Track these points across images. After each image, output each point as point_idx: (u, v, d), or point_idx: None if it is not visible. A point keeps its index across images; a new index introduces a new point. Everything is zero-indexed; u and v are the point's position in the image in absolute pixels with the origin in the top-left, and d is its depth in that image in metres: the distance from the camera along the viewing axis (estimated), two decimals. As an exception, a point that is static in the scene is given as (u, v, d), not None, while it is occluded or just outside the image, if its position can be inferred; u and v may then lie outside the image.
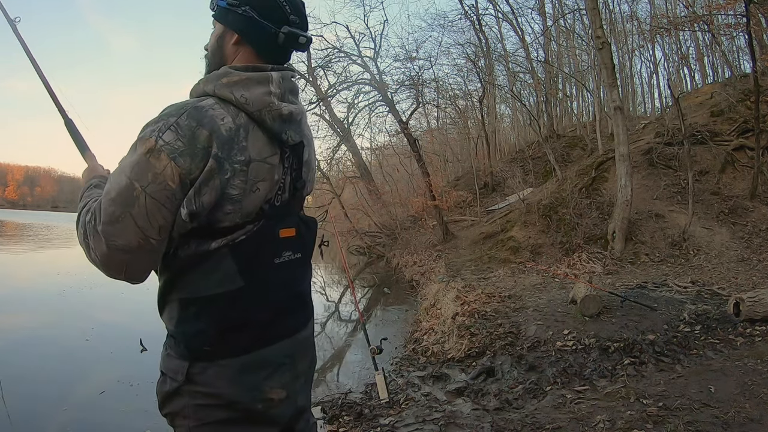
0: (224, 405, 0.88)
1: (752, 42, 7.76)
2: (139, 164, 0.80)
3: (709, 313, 4.09)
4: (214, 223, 0.85)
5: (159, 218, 0.81)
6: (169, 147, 0.79)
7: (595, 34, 7.65)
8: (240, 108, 0.86)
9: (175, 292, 0.89)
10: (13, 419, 3.07)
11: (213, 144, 0.81)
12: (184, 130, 0.80)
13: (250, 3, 0.90)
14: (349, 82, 14.38)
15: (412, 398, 3.25)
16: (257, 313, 0.90)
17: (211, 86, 0.87)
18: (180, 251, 0.87)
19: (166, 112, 0.83)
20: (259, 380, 0.90)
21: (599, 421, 2.43)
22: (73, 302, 7.00)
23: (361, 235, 15.80)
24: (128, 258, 0.84)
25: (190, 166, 0.80)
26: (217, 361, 0.87)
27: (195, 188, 0.81)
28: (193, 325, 0.87)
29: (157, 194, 0.80)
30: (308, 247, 1.02)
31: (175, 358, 0.89)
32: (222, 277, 0.86)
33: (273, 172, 0.90)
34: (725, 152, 8.47)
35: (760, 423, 2.26)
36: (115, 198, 0.81)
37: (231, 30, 0.93)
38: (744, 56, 13.23)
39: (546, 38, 14.80)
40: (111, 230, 0.81)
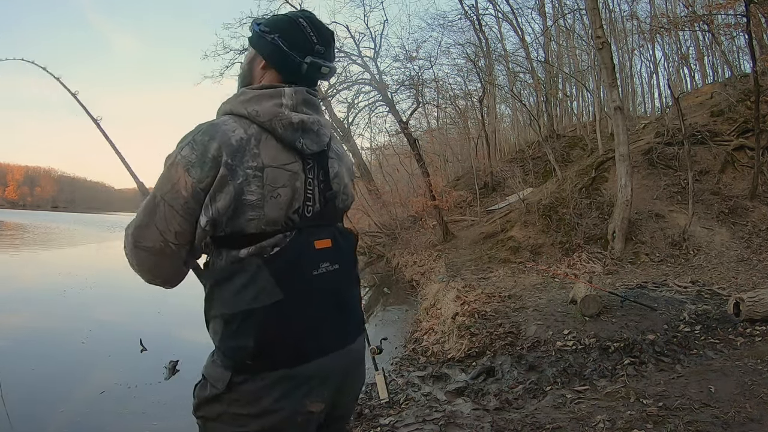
0: (260, 415, 0.90)
1: (752, 42, 7.76)
2: (162, 177, 0.90)
3: (709, 313, 4.09)
4: (240, 231, 0.89)
5: (175, 224, 0.89)
6: (185, 160, 0.87)
7: (595, 34, 7.65)
8: (252, 120, 0.91)
9: (217, 307, 0.94)
10: (12, 419, 3.07)
11: (223, 153, 0.86)
12: (198, 144, 0.88)
13: (279, 31, 0.96)
14: (349, 82, 14.38)
15: (412, 398, 3.25)
16: (298, 327, 0.91)
17: (228, 106, 0.95)
18: (216, 262, 0.93)
19: (190, 132, 0.91)
20: (300, 395, 0.92)
21: (599, 421, 2.43)
22: (74, 302, 7.00)
23: (361, 235, 15.81)
24: (153, 259, 0.93)
25: (200, 175, 0.86)
26: (259, 374, 0.89)
27: (210, 195, 0.87)
28: (235, 340, 0.90)
29: (172, 202, 0.88)
30: (347, 258, 1.03)
31: (219, 366, 0.92)
32: (259, 291, 0.88)
33: (294, 179, 0.93)
34: (725, 152, 8.47)
35: (760, 423, 2.26)
36: (144, 208, 0.91)
37: (260, 55, 1.00)
38: (744, 56, 13.24)
39: (546, 38, 14.81)
40: (138, 233, 0.91)
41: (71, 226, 32.49)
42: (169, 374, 4.04)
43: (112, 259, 14.92)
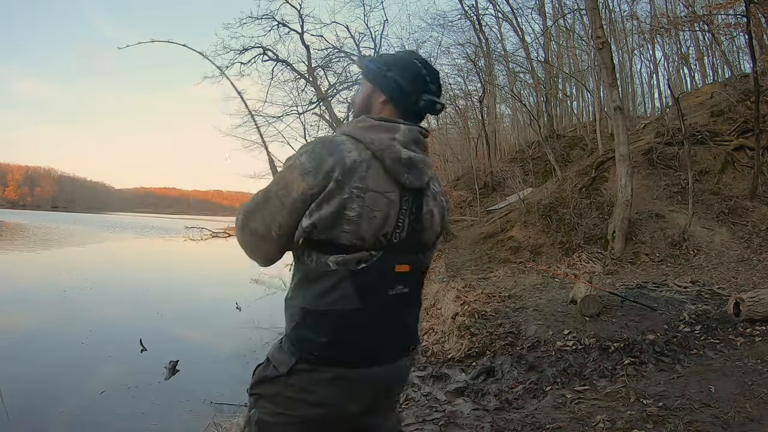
0: (310, 404, 1.01)
1: (752, 42, 7.76)
2: (280, 175, 1.04)
3: (709, 313, 4.09)
4: (333, 239, 0.99)
5: (279, 218, 1.01)
6: (302, 166, 0.99)
7: (595, 34, 7.65)
8: (366, 146, 1.02)
9: (299, 298, 1.03)
10: (12, 418, 3.07)
11: (336, 169, 0.97)
12: (316, 155, 0.99)
13: (398, 71, 1.09)
14: (349, 82, 14.38)
15: (412, 398, 3.25)
16: (365, 335, 1.02)
17: (348, 128, 1.06)
18: (306, 259, 1.03)
19: (312, 141, 1.04)
20: (347, 394, 1.02)
21: (599, 421, 2.43)
22: (74, 302, 7.00)
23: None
24: (256, 241, 1.06)
25: (312, 183, 0.97)
26: (319, 367, 1.00)
27: (317, 203, 0.97)
28: (309, 332, 1.01)
29: (283, 199, 1.00)
30: (417, 284, 1.13)
31: (285, 352, 1.04)
32: (340, 297, 0.99)
33: (390, 207, 1.02)
34: (725, 152, 8.47)
35: (760, 423, 2.26)
36: (259, 197, 1.04)
37: (379, 91, 1.11)
38: (744, 56, 13.24)
39: (546, 38, 14.80)
40: (248, 217, 1.05)
41: (71, 226, 32.49)
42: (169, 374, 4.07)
43: (112, 259, 14.93)
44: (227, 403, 3.39)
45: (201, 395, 3.53)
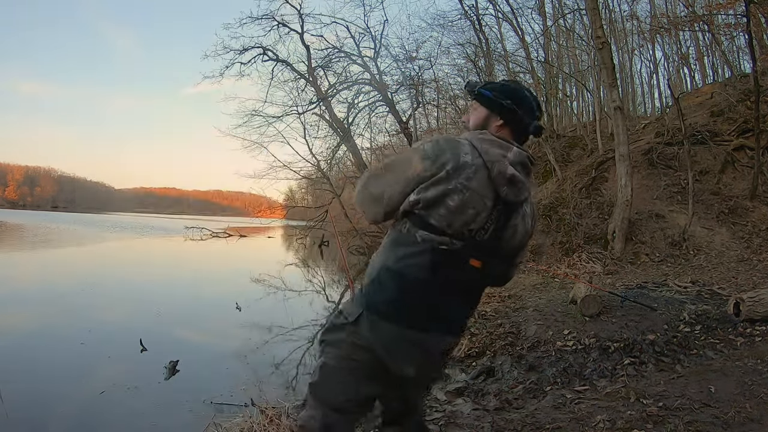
0: (366, 350, 1.18)
1: (752, 42, 7.76)
2: (407, 153, 1.23)
3: (709, 313, 4.09)
4: (427, 218, 1.16)
5: (393, 187, 1.19)
6: (424, 152, 1.18)
7: (595, 34, 7.65)
8: (480, 154, 1.17)
9: (383, 256, 1.22)
10: (11, 419, 3.06)
11: (449, 163, 1.15)
12: (438, 147, 1.18)
13: (512, 99, 1.27)
14: (349, 82, 14.39)
15: (412, 398, 3.25)
16: (428, 302, 1.18)
17: (471, 136, 1.23)
18: (401, 226, 1.21)
19: (441, 135, 1.25)
20: (405, 351, 1.18)
21: (599, 421, 2.43)
22: (74, 302, 7.00)
23: (361, 235, 15.79)
24: (370, 200, 1.24)
25: (428, 167, 1.16)
26: (381, 320, 1.16)
27: (426, 184, 1.15)
28: (379, 287, 1.18)
29: (399, 173, 1.19)
30: (481, 284, 1.30)
31: (356, 304, 1.21)
32: (416, 264, 1.16)
33: (483, 209, 1.17)
34: (725, 152, 8.47)
35: (760, 423, 2.26)
36: (383, 165, 1.25)
37: (496, 115, 1.28)
38: (744, 56, 13.21)
39: (546, 38, 14.79)
40: (371, 180, 1.25)
41: (71, 226, 32.47)
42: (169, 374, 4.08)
43: (112, 259, 14.92)
44: (227, 403, 3.39)
45: (201, 395, 3.53)
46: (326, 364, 1.24)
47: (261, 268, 12.25)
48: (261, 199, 25.87)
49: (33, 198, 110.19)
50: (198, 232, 23.59)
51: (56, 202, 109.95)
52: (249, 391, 3.47)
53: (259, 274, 11.09)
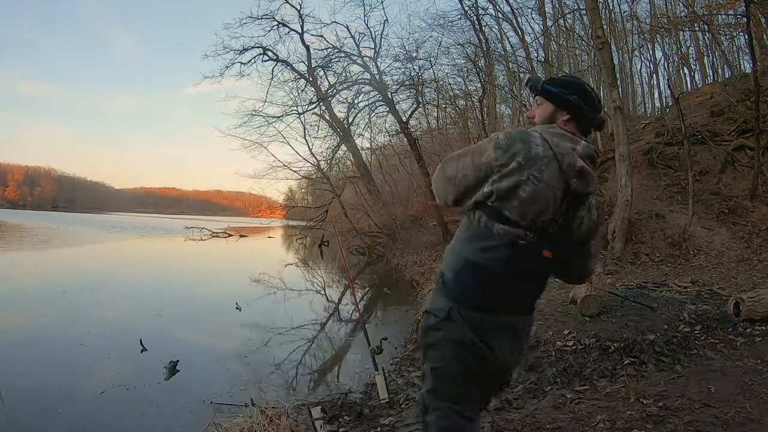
0: (471, 347, 1.22)
1: (752, 42, 7.76)
2: (482, 141, 1.29)
3: (709, 313, 4.09)
4: (501, 210, 1.21)
5: (465, 169, 1.27)
6: (497, 141, 1.24)
7: (595, 34, 7.65)
8: (551, 147, 1.21)
9: (466, 250, 1.26)
10: (11, 419, 3.06)
11: (520, 154, 1.19)
12: (511, 138, 1.23)
13: (578, 94, 1.32)
14: (349, 82, 14.39)
15: (412, 398, 3.24)
16: (515, 290, 1.26)
17: (541, 129, 1.28)
18: (474, 218, 1.26)
19: (512, 129, 1.29)
20: (498, 337, 1.25)
21: (599, 421, 2.43)
22: (74, 302, 7.00)
23: (361, 235, 15.79)
24: (443, 180, 1.33)
25: (499, 156, 1.21)
26: (474, 311, 1.23)
27: (499, 175, 1.20)
28: (467, 280, 1.24)
29: (475, 158, 1.26)
30: (548, 273, 1.35)
31: (442, 299, 1.26)
32: (497, 257, 1.22)
33: (554, 200, 1.21)
34: (725, 152, 8.47)
35: (760, 423, 2.26)
36: (460, 151, 1.33)
37: (562, 110, 1.33)
38: (744, 56, 13.19)
39: (546, 38, 14.78)
40: (449, 162, 1.34)
41: (71, 226, 32.47)
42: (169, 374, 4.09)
43: (113, 259, 14.92)
44: (227, 403, 3.39)
45: (201, 395, 3.53)
46: (435, 368, 1.29)
47: (261, 268, 12.25)
48: (261, 199, 25.87)
49: (33, 198, 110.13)
50: (198, 232, 23.59)
51: (56, 202, 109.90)
52: (249, 391, 3.47)
53: (259, 274, 11.09)
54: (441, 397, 1.30)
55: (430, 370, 1.30)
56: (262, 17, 13.74)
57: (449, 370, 1.26)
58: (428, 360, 1.29)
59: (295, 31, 14.29)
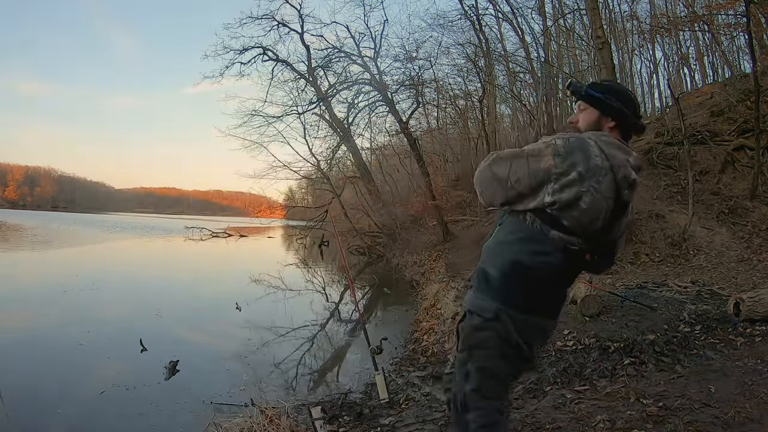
0: (515, 345, 1.28)
1: (752, 42, 7.76)
2: (536, 145, 1.27)
3: (709, 313, 4.08)
4: (560, 218, 1.24)
5: (520, 173, 1.24)
6: (555, 148, 1.23)
7: (595, 34, 7.64)
8: (608, 158, 1.23)
9: (512, 252, 1.28)
10: (11, 419, 3.06)
11: (580, 164, 1.21)
12: (569, 146, 1.24)
13: (621, 100, 1.34)
14: (349, 82, 14.37)
15: (412, 398, 3.25)
16: (551, 294, 1.33)
17: (594, 137, 1.28)
18: (528, 221, 1.26)
19: (568, 133, 1.30)
20: (538, 337, 1.34)
21: (599, 421, 2.43)
22: (74, 302, 7.00)
23: (361, 235, 15.79)
24: (491, 180, 1.29)
25: (558, 163, 1.21)
26: (520, 312, 1.27)
27: (559, 184, 1.21)
28: (514, 281, 1.26)
29: (531, 161, 1.24)
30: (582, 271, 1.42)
31: (487, 299, 1.29)
32: (548, 261, 1.26)
33: (606, 210, 1.25)
34: (725, 152, 8.47)
35: (760, 423, 2.26)
36: (512, 151, 1.30)
37: (607, 117, 1.35)
38: (744, 56, 13.19)
39: (546, 38, 14.78)
40: (498, 161, 1.30)
41: (71, 226, 32.47)
42: (169, 374, 4.09)
43: (113, 259, 14.92)
44: (227, 403, 3.39)
45: (201, 395, 3.53)
46: (482, 367, 1.31)
47: (261, 268, 12.25)
48: (261, 199, 25.84)
49: (33, 198, 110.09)
50: (198, 232, 23.58)
51: (56, 202, 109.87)
52: (249, 391, 3.48)
53: (259, 274, 11.09)
54: (485, 395, 1.33)
55: (476, 369, 1.32)
56: (262, 17, 13.74)
57: (496, 370, 1.31)
58: (474, 360, 1.32)
59: (295, 31, 14.30)
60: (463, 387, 1.35)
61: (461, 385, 1.35)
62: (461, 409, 1.36)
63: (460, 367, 1.36)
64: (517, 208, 1.29)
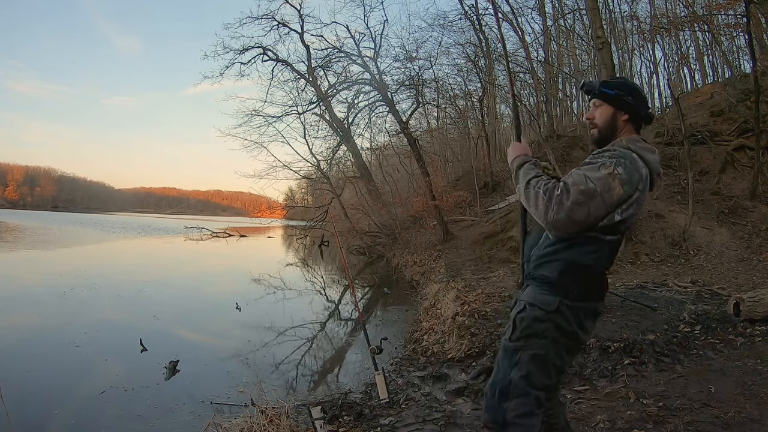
0: (570, 333, 1.40)
1: (752, 42, 7.76)
2: (602, 179, 1.32)
3: (709, 313, 4.08)
4: (618, 226, 1.37)
5: (600, 212, 1.33)
6: (620, 177, 1.32)
7: (595, 34, 7.64)
8: (646, 164, 1.39)
9: (569, 254, 1.40)
10: (12, 420, 3.06)
11: (641, 183, 1.35)
12: (628, 171, 1.33)
13: (632, 95, 1.46)
14: (349, 82, 14.38)
15: (412, 398, 3.25)
16: (602, 281, 1.47)
17: (633, 146, 1.41)
18: (587, 233, 1.37)
19: (617, 154, 1.37)
20: (592, 322, 1.47)
21: (599, 421, 2.43)
22: (74, 302, 7.00)
23: (361, 235, 15.79)
24: (570, 224, 1.34)
25: (628, 191, 1.33)
26: (576, 301, 1.40)
27: (627, 204, 1.34)
28: (572, 278, 1.39)
29: (606, 198, 1.32)
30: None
31: (548, 294, 1.41)
32: (600, 257, 1.40)
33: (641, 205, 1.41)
34: (725, 152, 8.48)
35: (760, 423, 2.26)
36: (584, 191, 1.31)
37: (621, 111, 1.47)
38: (744, 56, 13.21)
39: (546, 38, 14.79)
40: (574, 208, 1.31)
41: (71, 226, 32.48)
42: (169, 374, 4.07)
43: (113, 259, 14.92)
44: (227, 403, 3.39)
45: (201, 395, 3.53)
46: (536, 354, 1.40)
47: (261, 268, 12.25)
48: (261, 199, 25.91)
49: (33, 198, 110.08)
50: (198, 232, 23.61)
51: (56, 202, 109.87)
52: (249, 391, 3.47)
53: (259, 274, 11.09)
54: (532, 384, 1.41)
55: (530, 357, 1.40)
56: (262, 17, 13.75)
57: (547, 358, 1.41)
58: (529, 348, 1.40)
59: (295, 31, 14.31)
60: (508, 374, 1.43)
61: (506, 372, 1.43)
62: (501, 397, 1.43)
63: (509, 356, 1.44)
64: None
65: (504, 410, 1.41)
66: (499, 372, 1.46)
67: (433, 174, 13.00)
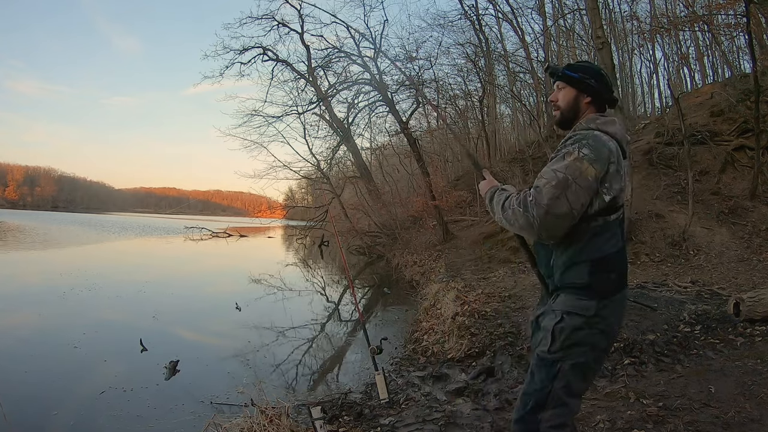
0: (608, 333, 1.39)
1: (752, 42, 7.75)
2: (570, 166, 1.31)
3: (709, 313, 4.08)
4: (616, 203, 1.37)
5: (582, 197, 1.30)
6: (588, 157, 1.31)
7: (595, 34, 7.64)
8: (611, 136, 1.39)
9: (585, 255, 1.36)
10: (10, 421, 3.06)
11: (611, 156, 1.34)
12: (593, 148, 1.33)
13: (595, 78, 1.47)
14: (349, 82, 14.37)
15: (412, 398, 3.25)
16: (626, 263, 1.46)
17: (593, 124, 1.42)
18: (595, 222, 1.36)
19: (578, 137, 1.38)
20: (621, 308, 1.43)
21: (599, 421, 2.43)
22: (74, 302, 7.00)
23: (361, 235, 15.79)
24: (557, 221, 1.31)
25: (600, 168, 1.31)
26: (611, 297, 1.37)
27: (608, 181, 1.33)
28: (602, 274, 1.36)
29: (582, 183, 1.30)
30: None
31: (583, 299, 1.36)
32: (615, 240, 1.39)
33: (625, 176, 1.42)
34: (725, 152, 8.47)
35: (760, 423, 2.26)
36: (556, 185, 1.30)
37: (584, 94, 1.48)
38: (744, 56, 13.21)
39: (546, 38, 14.78)
40: (552, 203, 1.29)
41: (71, 226, 32.48)
42: (169, 374, 4.08)
43: (113, 259, 14.92)
44: (227, 403, 3.39)
45: (201, 395, 3.53)
46: (577, 363, 1.36)
47: (261, 268, 12.25)
48: (261, 199, 25.93)
49: (33, 198, 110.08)
50: (198, 232, 23.61)
51: (56, 202, 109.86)
52: (249, 391, 3.47)
53: (259, 274, 11.09)
54: (571, 392, 1.39)
55: (571, 366, 1.37)
56: (262, 17, 13.75)
57: (589, 363, 1.38)
58: (570, 358, 1.36)
59: (295, 31, 14.30)
60: (548, 386, 1.39)
61: (545, 384, 1.39)
62: (535, 408, 1.40)
63: (547, 367, 1.39)
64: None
65: (538, 421, 1.39)
66: (533, 383, 1.42)
67: (433, 174, 13.00)
